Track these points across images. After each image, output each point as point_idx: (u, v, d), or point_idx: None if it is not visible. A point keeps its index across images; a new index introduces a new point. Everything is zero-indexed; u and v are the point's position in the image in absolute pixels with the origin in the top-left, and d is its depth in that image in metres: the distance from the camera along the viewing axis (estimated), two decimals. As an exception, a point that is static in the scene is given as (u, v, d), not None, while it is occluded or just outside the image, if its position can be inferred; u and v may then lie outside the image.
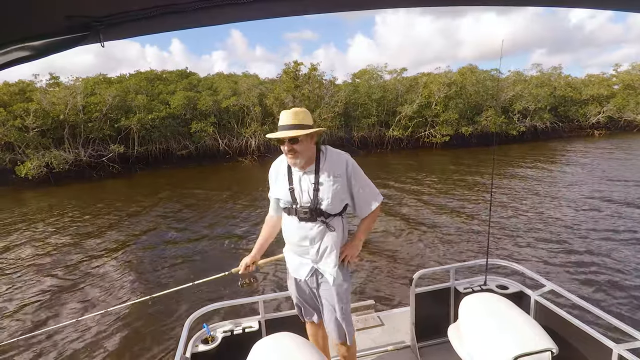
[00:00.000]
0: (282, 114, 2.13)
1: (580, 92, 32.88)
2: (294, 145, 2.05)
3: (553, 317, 2.60)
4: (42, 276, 7.32)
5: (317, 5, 0.98)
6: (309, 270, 2.25)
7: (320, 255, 2.19)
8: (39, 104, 19.58)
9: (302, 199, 2.14)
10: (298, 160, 2.09)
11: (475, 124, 26.99)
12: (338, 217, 2.18)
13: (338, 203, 2.14)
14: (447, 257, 7.27)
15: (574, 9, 0.98)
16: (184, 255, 8.11)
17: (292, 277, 2.38)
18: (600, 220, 9.00)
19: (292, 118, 2.08)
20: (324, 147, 2.22)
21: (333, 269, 2.19)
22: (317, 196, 2.11)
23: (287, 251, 2.38)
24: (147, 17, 0.83)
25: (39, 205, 14.02)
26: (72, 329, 5.32)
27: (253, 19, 1.00)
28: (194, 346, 2.51)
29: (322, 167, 2.15)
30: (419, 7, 1.08)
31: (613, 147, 23.22)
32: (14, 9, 0.71)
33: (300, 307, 2.46)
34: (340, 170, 2.15)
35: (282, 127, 2.08)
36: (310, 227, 2.14)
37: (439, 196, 12.40)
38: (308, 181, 2.14)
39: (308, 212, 2.11)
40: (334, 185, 2.11)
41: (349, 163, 2.18)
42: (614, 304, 5.29)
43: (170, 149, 23.39)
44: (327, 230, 2.15)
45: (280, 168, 2.27)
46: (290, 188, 2.17)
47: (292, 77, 25.41)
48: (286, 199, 2.18)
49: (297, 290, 2.39)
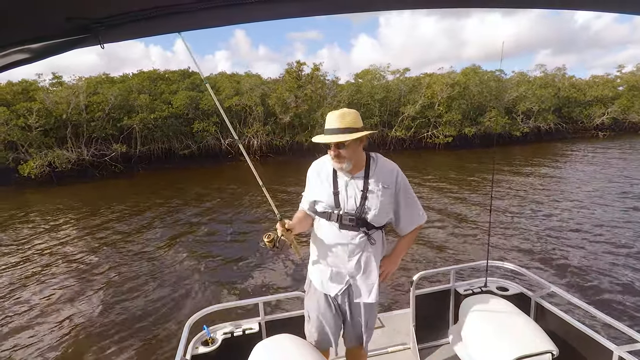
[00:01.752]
0: (329, 116, 1.97)
1: (585, 93, 32.73)
2: (340, 150, 1.92)
3: (553, 319, 2.59)
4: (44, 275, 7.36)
5: (323, 7, 0.96)
6: (344, 285, 2.08)
7: (358, 269, 2.05)
8: (42, 103, 19.67)
9: (347, 205, 1.99)
10: (345, 164, 1.96)
11: (478, 125, 26.92)
12: (379, 231, 2.06)
13: (384, 215, 2.02)
14: (448, 258, 7.25)
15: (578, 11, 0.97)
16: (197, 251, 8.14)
17: (317, 293, 2.16)
18: (602, 223, 8.94)
19: (339, 121, 1.92)
20: (374, 155, 2.10)
21: (372, 285, 2.08)
22: (364, 204, 1.97)
23: (316, 265, 2.17)
24: (147, 18, 0.82)
25: (41, 204, 14.08)
26: (68, 329, 5.33)
27: (255, 21, 0.99)
28: (194, 348, 2.50)
29: (372, 174, 2.02)
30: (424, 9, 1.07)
31: (617, 149, 23.09)
32: (14, 11, 0.70)
33: (320, 330, 2.20)
34: (389, 181, 2.03)
35: (329, 130, 1.94)
36: (352, 237, 2.00)
37: (440, 197, 12.37)
38: (355, 187, 2.00)
39: (354, 219, 1.97)
40: (382, 196, 1.99)
41: (400, 175, 2.07)
42: (615, 306, 5.25)
43: (172, 148, 23.44)
44: (368, 243, 2.01)
45: (323, 169, 2.11)
46: (335, 192, 2.02)
47: (294, 77, 25.42)
48: (329, 202, 2.02)
49: (322, 308, 2.15)
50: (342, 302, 2.14)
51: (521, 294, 2.88)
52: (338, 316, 2.19)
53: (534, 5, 1.05)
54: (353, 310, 2.16)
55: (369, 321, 2.20)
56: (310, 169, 2.18)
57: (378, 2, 1.00)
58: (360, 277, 2.07)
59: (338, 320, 2.20)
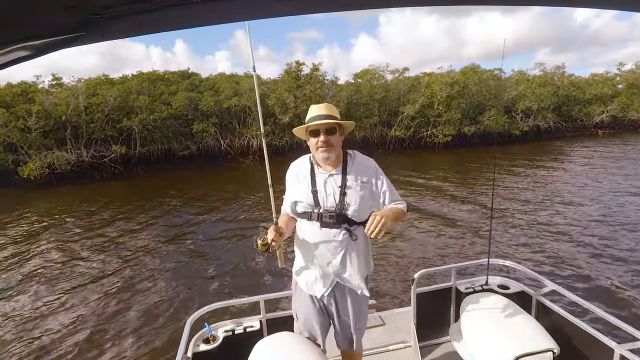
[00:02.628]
0: (313, 107, 2.02)
1: (584, 91, 32.74)
2: (330, 137, 1.94)
3: (554, 317, 2.58)
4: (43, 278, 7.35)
5: (323, 4, 0.96)
6: (330, 285, 2.07)
7: (344, 265, 2.03)
8: (41, 105, 19.64)
9: (327, 203, 1.98)
10: (332, 154, 1.96)
11: (477, 124, 26.92)
12: (362, 227, 2.02)
13: (364, 210, 1.99)
14: (449, 257, 7.24)
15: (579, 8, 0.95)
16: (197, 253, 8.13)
17: (303, 295, 2.17)
18: (603, 221, 8.93)
19: (326, 110, 1.98)
20: (351, 151, 2.12)
21: (359, 280, 2.05)
22: (343, 200, 1.96)
23: (300, 266, 2.16)
24: (149, 10, 0.81)
25: (41, 206, 14.07)
26: (70, 328, 5.33)
27: (261, 17, 0.99)
28: (196, 346, 2.51)
29: (350, 169, 2.02)
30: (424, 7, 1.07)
31: (617, 147, 23.10)
32: (14, 6, 0.69)
33: (309, 330, 2.21)
34: (367, 176, 2.03)
35: (317, 117, 1.96)
36: (334, 235, 1.98)
37: (441, 196, 12.36)
38: (334, 184, 2.00)
39: (334, 216, 1.95)
40: (361, 191, 1.99)
41: (378, 170, 2.09)
42: (616, 304, 5.25)
43: (172, 149, 23.41)
44: (350, 240, 2.00)
45: (301, 169, 2.11)
46: (313, 190, 2.01)
47: (293, 77, 25.41)
48: (308, 201, 2.00)
49: (308, 309, 2.15)
50: (328, 303, 2.13)
51: (522, 292, 2.88)
52: (325, 317, 2.18)
53: (535, 2, 1.04)
54: (340, 310, 2.14)
55: (359, 322, 2.17)
56: (289, 171, 2.18)
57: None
58: (347, 274, 2.05)
59: (325, 321, 2.20)
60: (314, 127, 1.96)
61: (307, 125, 1.98)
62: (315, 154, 2.03)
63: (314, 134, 1.97)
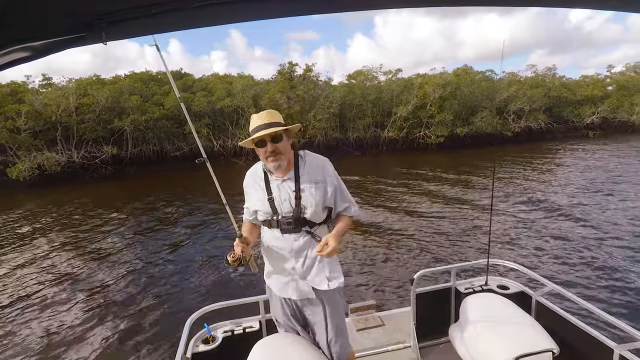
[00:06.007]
0: (254, 117, 1.98)
1: (575, 92, 33.19)
2: (277, 145, 1.91)
3: (554, 317, 2.58)
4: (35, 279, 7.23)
5: (320, 6, 0.95)
6: (297, 288, 2.03)
7: (308, 268, 2.00)
8: (31, 105, 19.40)
9: (283, 209, 1.96)
10: (282, 161, 1.94)
11: (470, 125, 27.12)
12: (323, 226, 2.02)
13: (322, 210, 1.99)
14: (448, 257, 7.26)
15: (573, 9, 0.95)
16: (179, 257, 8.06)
17: (277, 298, 2.15)
18: (601, 221, 9.01)
19: (268, 117, 1.94)
20: (302, 152, 2.07)
21: (325, 282, 2.01)
22: (299, 204, 1.95)
23: (269, 272, 2.14)
24: (149, 15, 0.81)
25: (30, 207, 13.87)
26: (69, 329, 5.26)
27: (260, 18, 0.98)
28: (195, 346, 2.51)
29: (302, 172, 2.00)
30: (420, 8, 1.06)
31: (609, 147, 23.43)
32: (15, 8, 0.69)
33: (291, 332, 2.20)
34: (320, 176, 2.01)
35: (259, 127, 1.92)
36: (294, 239, 1.97)
37: (438, 197, 12.41)
38: (288, 189, 1.97)
39: (292, 222, 1.94)
40: (316, 191, 1.96)
41: (330, 168, 2.06)
42: (616, 305, 5.28)
43: (164, 150, 23.27)
44: (312, 241, 1.98)
45: (255, 178, 2.09)
46: (269, 198, 1.99)
47: (286, 78, 25.39)
48: (265, 210, 1.99)
49: (285, 311, 2.14)
50: (301, 306, 2.11)
51: (522, 292, 2.88)
52: (301, 318, 2.17)
53: (531, 3, 1.04)
54: (313, 311, 2.09)
55: (339, 324, 2.09)
56: (245, 179, 2.16)
57: (373, 1, 0.98)
58: (312, 276, 2.01)
59: (304, 322, 2.18)
60: (258, 137, 1.92)
61: (252, 137, 1.94)
62: (266, 164, 2.00)
63: (261, 144, 1.94)
